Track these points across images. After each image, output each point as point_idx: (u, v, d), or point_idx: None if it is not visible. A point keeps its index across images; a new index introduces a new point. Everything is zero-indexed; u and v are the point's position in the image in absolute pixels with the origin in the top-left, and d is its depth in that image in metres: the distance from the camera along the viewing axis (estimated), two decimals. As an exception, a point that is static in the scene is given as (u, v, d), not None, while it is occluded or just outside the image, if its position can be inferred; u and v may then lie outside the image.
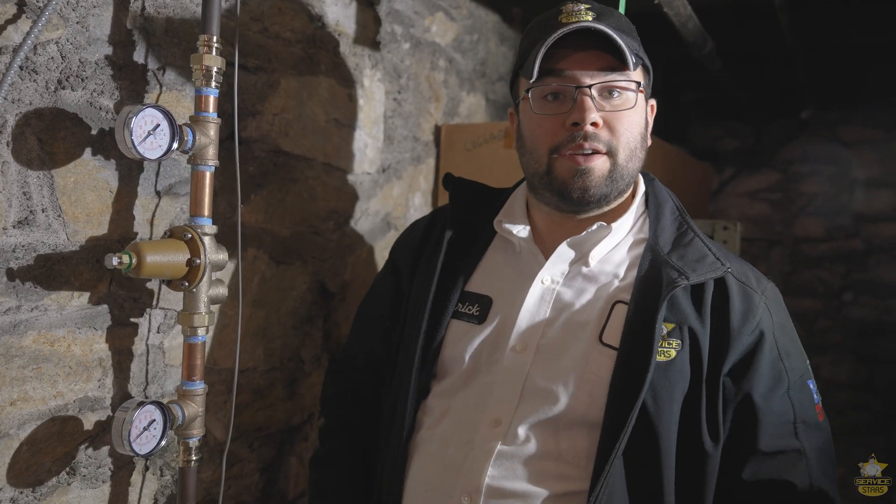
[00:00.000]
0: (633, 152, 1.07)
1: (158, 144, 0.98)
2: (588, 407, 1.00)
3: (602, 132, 1.03)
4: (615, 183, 1.06)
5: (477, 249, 1.17)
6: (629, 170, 1.07)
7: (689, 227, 1.11)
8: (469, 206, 1.21)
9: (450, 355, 1.11)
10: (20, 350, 0.95)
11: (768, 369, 1.02)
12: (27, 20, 0.92)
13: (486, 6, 2.10)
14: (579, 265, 1.10)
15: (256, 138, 1.31)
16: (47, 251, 0.97)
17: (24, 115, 0.93)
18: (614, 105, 1.04)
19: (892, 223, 3.25)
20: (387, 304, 1.25)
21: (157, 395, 1.15)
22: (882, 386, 3.20)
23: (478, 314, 1.11)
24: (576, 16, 1.04)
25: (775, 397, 1.02)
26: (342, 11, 1.50)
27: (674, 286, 1.00)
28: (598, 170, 1.04)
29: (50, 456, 1.00)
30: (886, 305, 3.22)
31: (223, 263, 1.10)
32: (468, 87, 2.03)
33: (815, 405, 1.07)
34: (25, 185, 0.94)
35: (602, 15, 1.06)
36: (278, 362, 1.41)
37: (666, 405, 0.98)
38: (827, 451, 1.07)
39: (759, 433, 1.01)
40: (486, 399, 1.05)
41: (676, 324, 1.01)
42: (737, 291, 1.04)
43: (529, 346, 1.05)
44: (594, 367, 1.01)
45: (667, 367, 0.99)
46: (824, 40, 2.31)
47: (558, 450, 1.01)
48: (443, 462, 1.06)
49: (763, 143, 3.42)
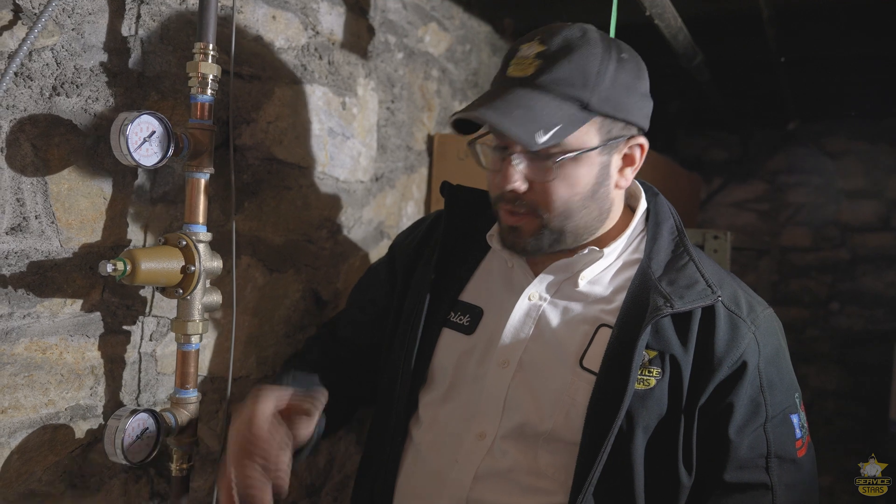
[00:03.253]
0: (570, 213, 1.02)
1: (154, 151, 0.98)
2: (565, 428, 1.01)
3: (527, 195, 1.01)
4: (550, 240, 1.04)
5: (474, 258, 1.18)
6: (569, 227, 1.03)
7: (686, 250, 1.08)
8: (467, 213, 1.21)
9: (440, 364, 1.12)
10: (12, 357, 0.94)
11: (746, 401, 1.00)
12: (23, 26, 0.92)
13: (478, 17, 2.12)
14: (569, 284, 1.09)
15: (251, 146, 1.31)
16: (40, 258, 0.97)
17: (19, 122, 0.93)
18: (543, 173, 0.99)
19: (877, 233, 3.29)
20: (381, 293, 1.27)
21: (149, 403, 1.15)
22: (868, 394, 3.23)
23: (468, 325, 1.11)
24: (520, 67, 0.99)
25: (749, 430, 1.00)
26: (336, 21, 1.51)
27: (657, 314, 0.98)
28: (526, 228, 1.04)
29: (41, 464, 0.99)
30: (872, 315, 3.26)
31: (217, 271, 1.10)
32: (461, 97, 2.05)
33: (796, 441, 1.04)
34: (19, 192, 0.94)
35: (554, 60, 0.97)
36: (271, 371, 1.41)
37: (640, 430, 0.98)
38: (801, 489, 1.03)
39: (726, 464, 0.99)
40: (473, 412, 1.06)
41: (659, 351, 0.99)
42: (724, 321, 1.01)
43: (512, 362, 1.05)
44: (572, 391, 1.01)
45: (645, 396, 0.98)
46: (810, 53, 2.35)
47: (537, 465, 1.02)
48: (430, 472, 1.08)
49: (750, 153, 3.46)
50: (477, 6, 2.09)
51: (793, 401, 1.05)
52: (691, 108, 3.14)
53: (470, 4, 2.05)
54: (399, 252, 1.28)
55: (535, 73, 0.98)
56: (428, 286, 1.14)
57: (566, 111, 0.97)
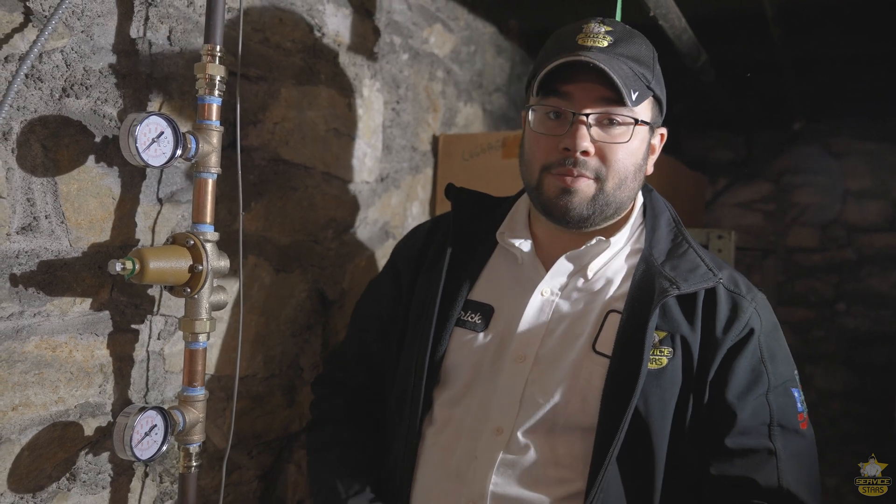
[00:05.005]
0: (623, 182, 1.07)
1: (162, 152, 0.99)
2: (581, 413, 1.03)
3: (592, 160, 1.05)
4: (599, 208, 1.07)
5: (480, 258, 1.19)
6: (617, 198, 1.08)
7: (684, 238, 1.13)
8: (471, 215, 1.23)
9: (453, 363, 1.13)
10: (22, 355, 0.96)
11: (747, 369, 1.04)
12: (34, 29, 0.93)
13: (483, 18, 2.12)
14: (578, 277, 1.12)
15: (257, 147, 1.32)
16: (50, 257, 0.98)
17: (29, 123, 0.94)
18: (611, 136, 1.05)
19: (883, 234, 3.28)
20: (386, 306, 1.27)
21: (157, 401, 1.16)
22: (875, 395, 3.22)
23: (480, 322, 1.13)
24: (593, 39, 1.04)
25: (750, 397, 1.03)
26: (342, 22, 1.52)
27: (665, 295, 1.02)
28: (583, 192, 1.05)
29: (51, 461, 1.01)
30: (879, 315, 3.25)
31: (225, 270, 1.11)
32: (465, 98, 2.05)
33: (798, 413, 1.06)
34: (29, 192, 0.95)
35: (621, 40, 1.05)
36: (277, 369, 1.42)
37: (658, 411, 1.01)
38: (805, 459, 1.05)
39: (727, 430, 1.02)
40: (488, 408, 1.08)
41: (668, 332, 1.04)
42: (724, 300, 1.06)
43: (528, 356, 1.08)
44: (586, 374, 1.04)
45: (658, 375, 1.01)
46: (815, 52, 2.35)
47: (556, 455, 1.04)
48: (447, 471, 1.08)
49: (755, 153, 3.46)
50: (482, 7, 2.09)
51: (792, 375, 1.09)
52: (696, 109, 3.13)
53: (475, 6, 2.06)
54: (401, 261, 1.28)
55: (612, 46, 1.04)
56: (438, 288, 1.14)
57: (640, 83, 1.04)
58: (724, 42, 2.23)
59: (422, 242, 1.26)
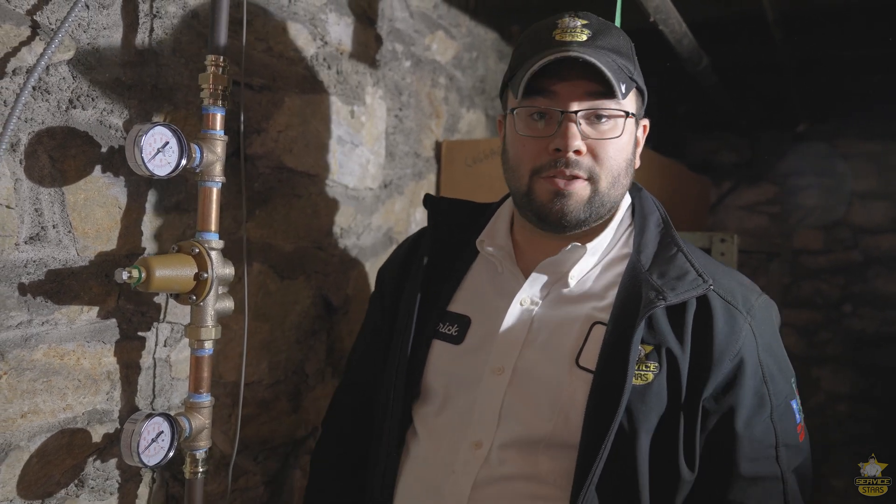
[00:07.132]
0: (617, 179, 1.04)
1: (168, 161, 1.01)
2: (565, 431, 0.99)
3: (584, 159, 1.01)
4: (594, 209, 1.04)
5: (460, 268, 1.16)
6: (611, 196, 1.05)
7: (673, 240, 1.07)
8: (451, 224, 1.20)
9: (431, 376, 1.10)
10: (31, 363, 0.97)
11: (751, 395, 0.99)
12: (41, 42, 0.95)
13: (485, 24, 2.14)
14: (559, 286, 1.08)
15: (261, 155, 1.33)
16: (58, 266, 0.99)
17: (37, 134, 0.96)
18: (601, 132, 1.02)
19: (889, 235, 3.27)
20: (378, 319, 1.25)
21: (164, 407, 1.17)
22: (882, 397, 3.20)
23: (456, 334, 1.10)
24: (570, 34, 1.01)
25: (757, 423, 0.99)
26: (344, 31, 1.54)
27: (650, 307, 0.97)
28: (578, 195, 1.02)
29: (59, 468, 1.02)
30: (885, 317, 3.24)
31: (230, 278, 1.12)
32: (468, 104, 2.07)
33: (797, 426, 1.04)
34: (37, 202, 0.97)
35: (599, 33, 1.03)
36: (283, 376, 1.43)
37: (643, 428, 0.96)
38: (803, 472, 1.04)
39: (738, 458, 0.98)
40: (467, 421, 1.04)
41: (654, 345, 0.98)
42: (721, 312, 1.00)
43: (507, 368, 1.04)
44: (570, 390, 1.00)
45: (643, 391, 0.96)
46: (818, 54, 2.35)
47: (538, 472, 1.00)
48: (426, 485, 1.06)
49: (759, 155, 3.45)
50: (483, 14, 2.11)
51: (790, 387, 1.05)
52: (699, 111, 3.14)
53: (476, 12, 2.07)
54: (386, 275, 1.27)
55: (591, 39, 1.02)
56: (415, 301, 1.12)
57: (624, 75, 1.01)
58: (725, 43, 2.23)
59: (402, 258, 1.24)
